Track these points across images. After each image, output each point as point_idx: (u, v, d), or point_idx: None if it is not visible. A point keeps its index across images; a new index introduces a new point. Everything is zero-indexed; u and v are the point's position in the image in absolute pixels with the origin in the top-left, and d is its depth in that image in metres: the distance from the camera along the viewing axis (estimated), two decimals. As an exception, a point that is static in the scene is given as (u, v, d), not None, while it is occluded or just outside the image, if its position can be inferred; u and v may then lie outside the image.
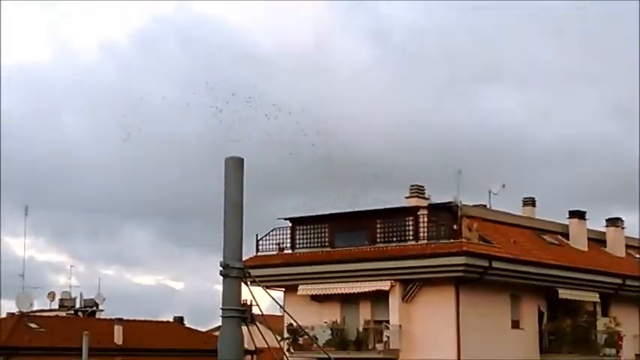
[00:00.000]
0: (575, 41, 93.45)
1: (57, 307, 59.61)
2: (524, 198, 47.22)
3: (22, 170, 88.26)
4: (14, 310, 52.20)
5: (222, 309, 7.91)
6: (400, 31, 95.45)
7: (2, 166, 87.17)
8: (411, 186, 40.95)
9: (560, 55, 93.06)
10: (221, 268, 7.94)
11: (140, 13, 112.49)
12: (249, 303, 10.16)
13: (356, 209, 40.48)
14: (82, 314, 58.86)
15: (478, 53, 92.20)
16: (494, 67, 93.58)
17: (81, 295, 60.40)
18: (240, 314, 7.91)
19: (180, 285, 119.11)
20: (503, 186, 44.12)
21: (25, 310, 51.45)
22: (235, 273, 7.93)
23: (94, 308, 59.36)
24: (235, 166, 8.18)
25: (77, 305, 59.63)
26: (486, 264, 37.64)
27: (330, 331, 39.05)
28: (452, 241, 37.89)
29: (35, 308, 55.86)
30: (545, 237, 44.77)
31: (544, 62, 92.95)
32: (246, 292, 8.29)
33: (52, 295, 59.91)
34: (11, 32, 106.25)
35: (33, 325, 49.75)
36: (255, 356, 50.90)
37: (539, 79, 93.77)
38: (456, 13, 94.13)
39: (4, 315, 54.65)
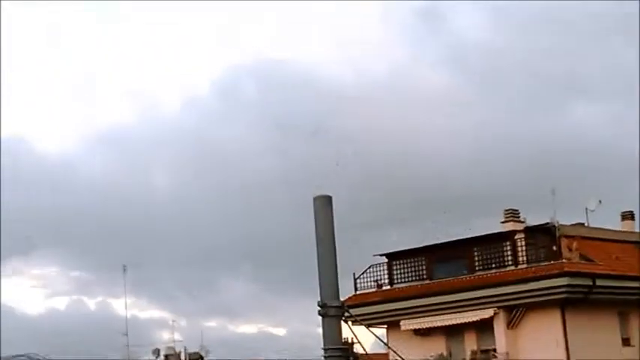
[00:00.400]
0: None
1: (163, 362, 60.02)
2: (623, 212, 46.16)
3: (118, 230, 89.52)
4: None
5: (324, 349, 7.79)
6: (476, 54, 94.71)
7: (100, 228, 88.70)
8: (506, 210, 40.41)
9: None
10: (319, 308, 7.82)
11: (218, 63, 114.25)
12: (350, 341, 10.01)
13: (452, 239, 40.09)
14: (189, 368, 59.13)
15: (558, 67, 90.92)
16: (577, 79, 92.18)
17: (185, 349, 60.77)
18: (342, 353, 7.78)
19: (282, 331, 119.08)
20: (600, 202, 43.21)
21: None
22: (333, 312, 7.81)
23: (200, 361, 59.60)
24: (324, 204, 8.07)
25: (182, 359, 59.98)
26: (590, 283, 36.85)
27: (437, 365, 38.60)
28: (552, 262, 37.23)
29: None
30: (647, 250, 43.70)
31: (627, 69, 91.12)
32: (348, 331, 8.15)
33: (156, 352, 60.41)
34: (97, 95, 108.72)
35: (141, 383, 50.17)
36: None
37: (624, 87, 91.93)
38: (531, 28, 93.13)
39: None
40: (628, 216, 45.88)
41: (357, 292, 41.74)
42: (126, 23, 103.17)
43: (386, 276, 41.92)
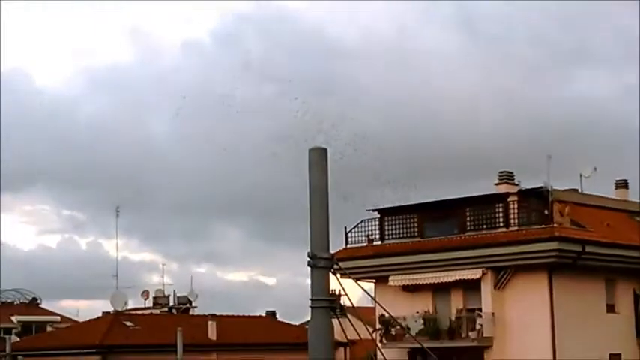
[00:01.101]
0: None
1: (151, 305, 60.41)
2: (617, 180, 46.25)
3: (112, 172, 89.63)
4: (109, 309, 53.06)
5: (311, 299, 7.85)
6: (485, 18, 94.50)
7: (95, 168, 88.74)
8: (500, 172, 40.48)
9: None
10: (309, 259, 7.87)
11: (221, 12, 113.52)
12: (338, 294, 10.07)
13: (445, 198, 40.18)
14: (176, 311, 59.54)
15: (563, 35, 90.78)
16: (581, 48, 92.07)
17: (174, 292, 61.17)
18: (329, 304, 7.84)
19: (272, 280, 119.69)
20: (595, 169, 43.26)
21: (119, 309, 52.22)
22: (323, 263, 7.86)
23: (188, 305, 60.00)
24: (319, 157, 8.12)
25: (171, 303, 60.36)
26: (579, 248, 37.04)
27: (422, 321, 38.82)
28: (543, 226, 37.38)
29: (130, 307, 56.66)
30: (639, 219, 43.84)
31: (630, 40, 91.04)
32: (336, 283, 8.21)
33: (146, 294, 60.80)
34: (95, 35, 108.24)
35: (128, 323, 50.46)
36: (347, 348, 50.89)
37: (625, 59, 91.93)
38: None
39: (99, 314, 55.64)
40: (622, 184, 45.97)
41: (348, 246, 41.88)
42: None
43: (377, 231, 42.01)
